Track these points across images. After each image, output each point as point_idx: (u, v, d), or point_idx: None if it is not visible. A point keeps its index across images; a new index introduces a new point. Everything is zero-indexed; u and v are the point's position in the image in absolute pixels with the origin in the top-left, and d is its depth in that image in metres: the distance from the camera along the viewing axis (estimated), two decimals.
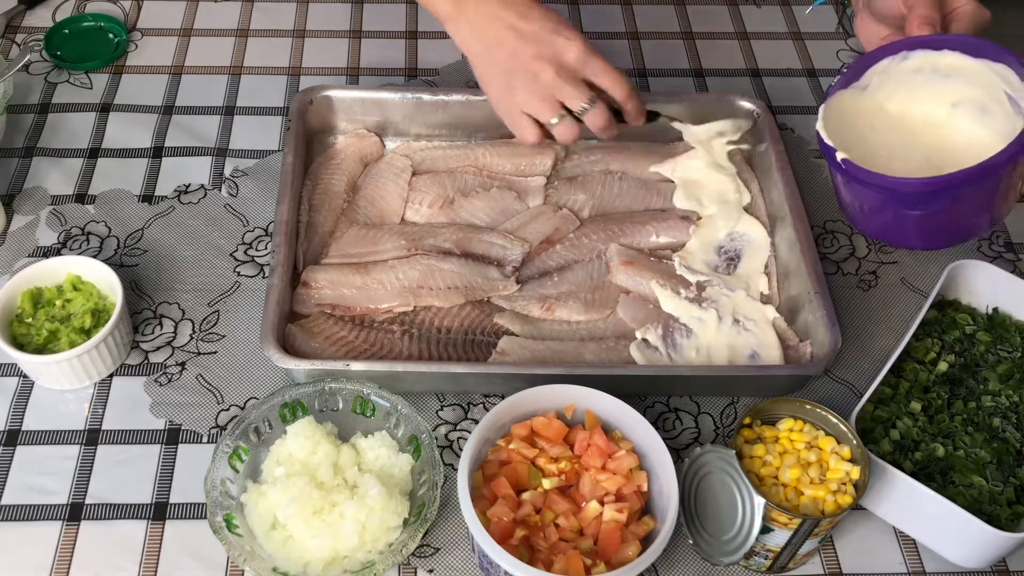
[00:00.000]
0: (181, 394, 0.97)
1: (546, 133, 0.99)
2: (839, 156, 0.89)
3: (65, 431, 0.94)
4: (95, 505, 0.90)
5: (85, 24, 1.32)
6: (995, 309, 1.02)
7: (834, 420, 0.86)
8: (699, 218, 1.10)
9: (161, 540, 0.88)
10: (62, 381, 0.96)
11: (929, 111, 0.94)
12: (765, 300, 1.03)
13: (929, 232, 0.96)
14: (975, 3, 0.94)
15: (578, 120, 0.98)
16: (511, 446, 0.87)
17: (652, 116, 1.06)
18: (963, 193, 0.87)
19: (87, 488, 0.91)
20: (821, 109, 0.95)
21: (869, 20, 0.99)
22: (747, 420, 0.87)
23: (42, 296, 0.98)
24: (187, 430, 0.95)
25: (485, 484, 0.85)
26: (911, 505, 0.87)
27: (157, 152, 1.18)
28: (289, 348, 0.95)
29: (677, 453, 0.95)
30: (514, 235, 1.08)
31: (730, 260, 1.07)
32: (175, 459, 0.93)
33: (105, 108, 1.23)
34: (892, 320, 1.06)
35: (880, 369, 0.93)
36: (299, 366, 0.91)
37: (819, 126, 0.93)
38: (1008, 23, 1.02)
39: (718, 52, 1.35)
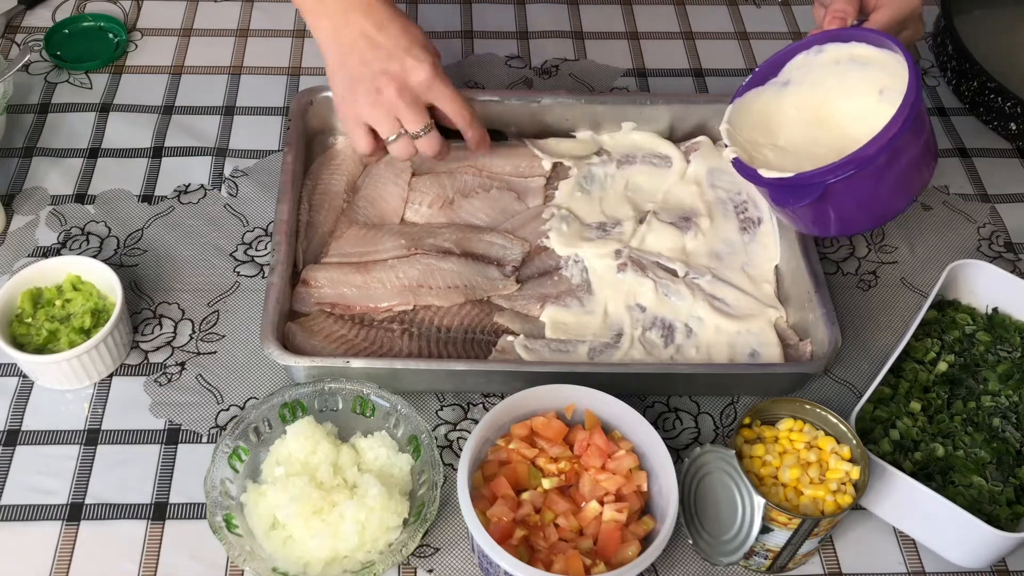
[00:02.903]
0: (181, 394, 0.97)
1: (380, 144, 1.01)
2: (728, 154, 0.89)
3: (65, 431, 0.94)
4: (95, 505, 0.90)
5: (85, 24, 1.32)
6: (995, 309, 1.02)
7: (834, 420, 0.86)
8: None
9: (161, 540, 0.88)
10: (62, 381, 0.96)
11: (859, 99, 0.93)
12: (765, 300, 1.03)
13: (826, 220, 0.93)
14: None
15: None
16: (511, 446, 0.87)
17: (498, 135, 1.09)
18: (839, 186, 0.86)
19: (87, 488, 0.91)
20: (729, 108, 0.95)
21: (818, 5, 1.01)
22: (747, 420, 0.87)
23: (42, 296, 0.98)
24: (187, 430, 0.95)
25: (485, 484, 0.85)
26: (911, 505, 0.87)
27: (157, 152, 1.18)
28: (289, 346, 0.95)
29: (677, 453, 0.95)
30: (514, 235, 1.08)
31: (731, 260, 1.07)
32: (175, 459, 0.93)
33: (105, 108, 1.23)
34: (892, 320, 1.06)
35: (880, 369, 0.94)
36: (299, 363, 0.91)
37: (724, 127, 0.93)
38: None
39: (718, 52, 1.35)
